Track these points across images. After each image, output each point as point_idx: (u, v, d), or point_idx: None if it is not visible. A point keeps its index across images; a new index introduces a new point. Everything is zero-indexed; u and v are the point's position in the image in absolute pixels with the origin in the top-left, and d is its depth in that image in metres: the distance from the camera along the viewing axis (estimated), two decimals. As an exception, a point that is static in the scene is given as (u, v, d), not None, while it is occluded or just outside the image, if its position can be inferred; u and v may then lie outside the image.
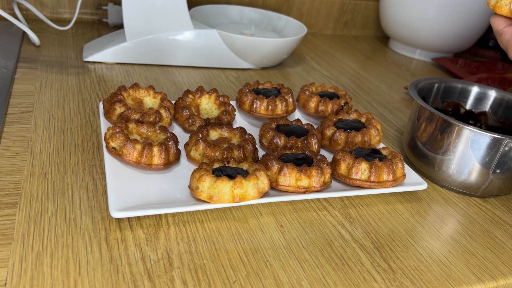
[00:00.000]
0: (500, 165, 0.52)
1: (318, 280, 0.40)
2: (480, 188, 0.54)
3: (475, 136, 0.51)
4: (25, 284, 0.35)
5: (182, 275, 0.38)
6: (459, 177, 0.54)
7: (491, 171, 0.52)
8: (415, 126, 0.59)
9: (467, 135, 0.52)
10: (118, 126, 0.50)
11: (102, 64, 0.75)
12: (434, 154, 0.55)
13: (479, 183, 0.54)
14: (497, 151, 0.51)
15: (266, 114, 0.61)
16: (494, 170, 0.52)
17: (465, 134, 0.52)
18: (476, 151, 0.52)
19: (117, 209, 0.41)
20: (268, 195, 0.47)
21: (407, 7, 1.02)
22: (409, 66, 1.04)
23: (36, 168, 0.48)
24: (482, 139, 0.51)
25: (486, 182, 0.53)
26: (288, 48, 0.83)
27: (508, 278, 0.44)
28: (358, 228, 0.47)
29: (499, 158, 0.51)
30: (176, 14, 0.75)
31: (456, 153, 0.53)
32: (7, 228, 0.40)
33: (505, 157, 0.51)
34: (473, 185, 0.54)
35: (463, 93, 0.66)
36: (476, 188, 0.54)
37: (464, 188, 0.55)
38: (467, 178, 0.54)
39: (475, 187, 0.54)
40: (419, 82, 0.62)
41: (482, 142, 0.51)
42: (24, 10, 0.87)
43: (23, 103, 0.60)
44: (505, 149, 0.50)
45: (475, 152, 0.52)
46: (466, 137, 0.52)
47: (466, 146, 0.52)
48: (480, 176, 0.53)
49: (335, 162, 0.52)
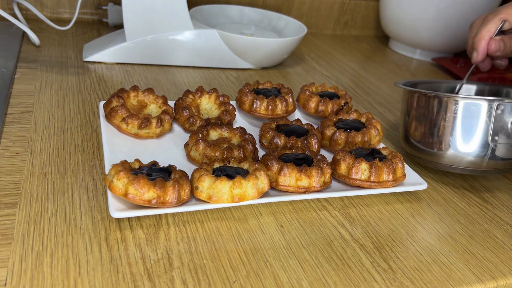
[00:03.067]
0: (497, 131, 0.50)
1: (318, 280, 0.40)
2: (484, 161, 0.52)
3: (465, 104, 0.51)
4: (25, 284, 0.35)
5: (182, 275, 0.38)
6: (459, 153, 0.53)
7: (490, 139, 0.51)
8: (407, 116, 0.58)
9: (460, 105, 0.51)
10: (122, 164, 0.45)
11: (102, 64, 0.75)
12: (431, 137, 0.55)
13: (480, 154, 0.52)
14: (490, 116, 0.50)
15: (266, 114, 0.61)
16: (493, 137, 0.51)
17: (458, 104, 0.51)
18: (470, 120, 0.51)
19: (117, 209, 0.41)
20: (268, 195, 0.47)
21: (407, 7, 1.02)
22: (409, 66, 1.04)
23: (36, 168, 0.48)
24: (473, 107, 0.50)
25: (487, 153, 0.52)
26: (288, 48, 0.83)
27: (508, 278, 0.44)
28: (358, 228, 0.47)
29: (494, 123, 0.50)
30: (176, 14, 0.75)
31: (452, 127, 0.52)
32: (7, 228, 0.40)
33: (500, 121, 0.50)
34: (476, 160, 0.52)
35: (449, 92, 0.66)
36: (480, 162, 0.52)
37: (468, 164, 0.53)
38: (468, 151, 0.52)
39: (478, 161, 0.52)
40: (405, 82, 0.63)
41: (474, 110, 0.50)
42: (24, 10, 0.87)
43: (23, 103, 0.60)
44: (497, 112, 0.49)
45: (469, 122, 0.51)
46: (458, 108, 0.51)
47: (464, 117, 0.51)
48: (480, 147, 0.51)
49: (335, 162, 0.52)
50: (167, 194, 0.42)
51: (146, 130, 0.54)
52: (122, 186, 0.41)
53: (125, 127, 0.54)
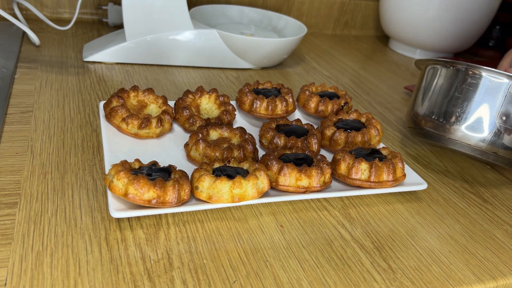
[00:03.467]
0: (505, 112, 0.50)
1: (318, 280, 0.40)
2: (486, 140, 0.51)
3: (485, 77, 0.50)
4: (25, 284, 0.35)
5: (182, 275, 0.38)
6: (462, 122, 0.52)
7: (497, 117, 0.50)
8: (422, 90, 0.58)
9: (480, 76, 0.50)
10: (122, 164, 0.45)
11: (102, 64, 0.75)
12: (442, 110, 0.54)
13: (484, 130, 0.51)
14: (504, 95, 0.49)
15: (266, 114, 0.61)
16: (500, 116, 0.50)
17: (477, 75, 0.50)
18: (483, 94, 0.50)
19: (117, 209, 0.41)
20: (268, 195, 0.47)
21: (407, 7, 1.02)
22: (409, 66, 1.04)
23: (36, 168, 0.48)
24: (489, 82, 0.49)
25: (492, 131, 0.51)
26: (288, 48, 0.83)
27: (508, 278, 0.44)
28: (358, 228, 0.47)
29: (504, 102, 0.49)
30: (176, 14, 0.75)
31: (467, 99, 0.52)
32: (7, 228, 0.40)
33: (510, 103, 0.49)
34: (478, 134, 0.52)
35: None
36: (482, 138, 0.52)
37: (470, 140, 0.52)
38: (471, 123, 0.52)
39: (480, 137, 0.52)
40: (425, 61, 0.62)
41: (490, 85, 0.50)
42: (24, 10, 0.87)
43: (23, 103, 0.60)
44: (510, 92, 0.49)
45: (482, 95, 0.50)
46: (479, 80, 0.51)
47: (476, 89, 0.51)
48: (485, 122, 0.51)
49: (335, 162, 0.52)
50: (167, 194, 0.42)
51: (146, 130, 0.54)
52: (122, 186, 0.41)
53: (125, 127, 0.54)
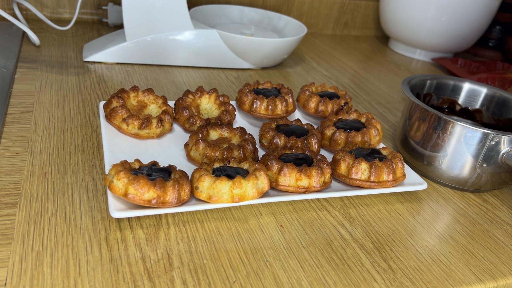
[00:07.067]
0: (486, 159, 0.53)
1: (318, 280, 0.40)
2: (468, 182, 0.55)
3: (467, 131, 0.53)
4: (25, 284, 0.35)
5: (182, 275, 0.38)
6: (447, 170, 0.56)
7: (478, 165, 0.54)
8: (407, 123, 0.60)
9: (459, 131, 0.53)
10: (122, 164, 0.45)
11: (102, 64, 0.75)
12: (425, 150, 0.57)
13: (466, 176, 0.55)
14: (484, 145, 0.52)
15: (266, 114, 0.61)
16: (481, 164, 0.53)
17: (457, 129, 0.53)
18: (465, 146, 0.53)
19: (117, 209, 0.41)
20: (268, 195, 0.47)
21: (407, 7, 1.02)
22: (409, 66, 1.04)
23: (36, 168, 0.48)
24: (472, 134, 0.53)
25: (473, 176, 0.55)
26: (288, 48, 0.83)
27: (508, 278, 0.44)
28: (358, 228, 0.47)
29: (485, 152, 0.53)
30: (176, 14, 0.75)
31: (447, 147, 0.55)
32: (7, 228, 0.40)
33: (491, 151, 0.52)
34: (462, 179, 0.55)
35: (455, 90, 0.68)
36: (464, 182, 0.56)
37: (453, 181, 0.56)
38: (455, 171, 0.55)
39: (463, 181, 0.55)
40: (412, 79, 0.64)
41: (471, 137, 0.53)
42: (24, 10, 0.87)
43: (23, 103, 0.60)
44: (491, 143, 0.52)
45: (464, 146, 0.53)
46: (458, 132, 0.53)
47: (457, 141, 0.54)
48: (467, 169, 0.54)
49: (335, 162, 0.52)
50: (167, 194, 0.42)
51: (146, 130, 0.54)
52: (122, 186, 0.41)
53: (126, 128, 0.54)
